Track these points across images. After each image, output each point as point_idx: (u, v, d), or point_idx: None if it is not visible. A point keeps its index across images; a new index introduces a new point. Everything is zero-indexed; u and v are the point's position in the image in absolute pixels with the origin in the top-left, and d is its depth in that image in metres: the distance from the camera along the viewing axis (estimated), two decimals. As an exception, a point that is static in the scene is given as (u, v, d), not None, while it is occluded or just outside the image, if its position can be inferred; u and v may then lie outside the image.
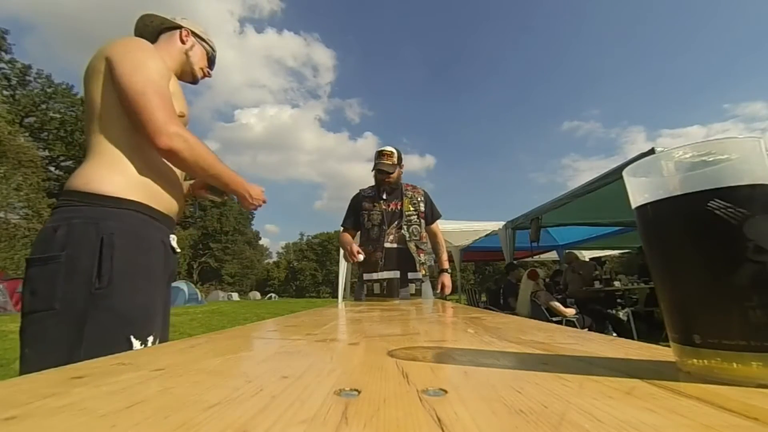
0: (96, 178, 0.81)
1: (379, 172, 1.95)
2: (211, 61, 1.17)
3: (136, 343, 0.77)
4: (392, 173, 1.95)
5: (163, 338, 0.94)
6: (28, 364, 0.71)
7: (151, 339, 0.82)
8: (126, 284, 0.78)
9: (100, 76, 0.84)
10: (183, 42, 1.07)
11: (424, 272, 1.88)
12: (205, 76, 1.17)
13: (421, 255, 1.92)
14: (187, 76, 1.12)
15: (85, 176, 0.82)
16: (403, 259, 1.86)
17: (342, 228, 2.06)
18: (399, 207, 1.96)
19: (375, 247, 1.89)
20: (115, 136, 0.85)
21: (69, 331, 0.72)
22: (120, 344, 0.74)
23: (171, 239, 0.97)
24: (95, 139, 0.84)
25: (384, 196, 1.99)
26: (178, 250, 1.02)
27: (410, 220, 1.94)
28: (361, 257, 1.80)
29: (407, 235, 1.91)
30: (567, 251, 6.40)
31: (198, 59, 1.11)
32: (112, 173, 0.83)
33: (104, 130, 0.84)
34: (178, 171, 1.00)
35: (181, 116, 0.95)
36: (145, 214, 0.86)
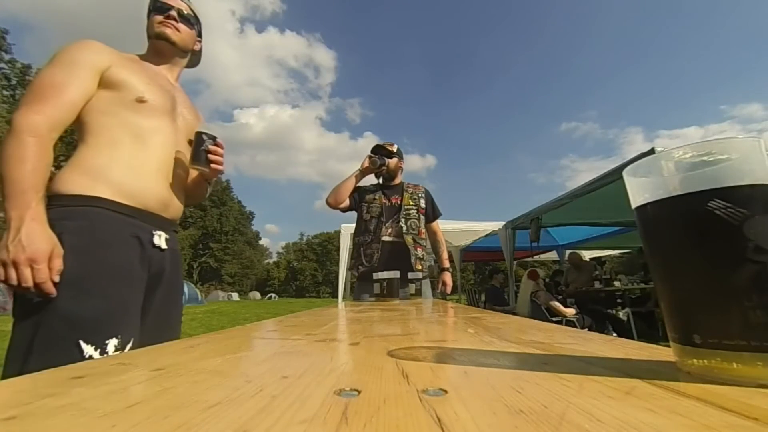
0: (61, 179, 0.81)
1: (378, 148, 2.00)
2: (161, 8, 1.03)
3: (89, 349, 0.72)
4: (392, 155, 1.98)
5: (160, 339, 0.92)
6: (4, 369, 0.70)
7: (113, 342, 0.75)
8: (75, 286, 0.73)
9: None
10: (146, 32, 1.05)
11: (420, 267, 1.87)
12: (166, 24, 1.03)
13: (419, 250, 1.91)
14: (162, 47, 1.04)
15: (53, 179, 0.81)
16: (399, 253, 1.86)
17: None
18: (399, 202, 1.97)
19: (372, 240, 1.90)
20: (82, 135, 0.85)
21: (26, 337, 0.70)
22: (68, 350, 0.70)
23: (155, 236, 0.91)
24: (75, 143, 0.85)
25: (380, 180, 2.02)
26: (164, 247, 0.94)
27: (409, 214, 1.95)
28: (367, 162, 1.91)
29: (404, 228, 1.91)
30: (571, 252, 6.41)
31: (149, 26, 1.04)
32: (75, 173, 0.82)
33: (74, 132, 0.85)
34: (170, 166, 0.96)
35: (141, 102, 0.91)
36: (111, 210, 0.82)
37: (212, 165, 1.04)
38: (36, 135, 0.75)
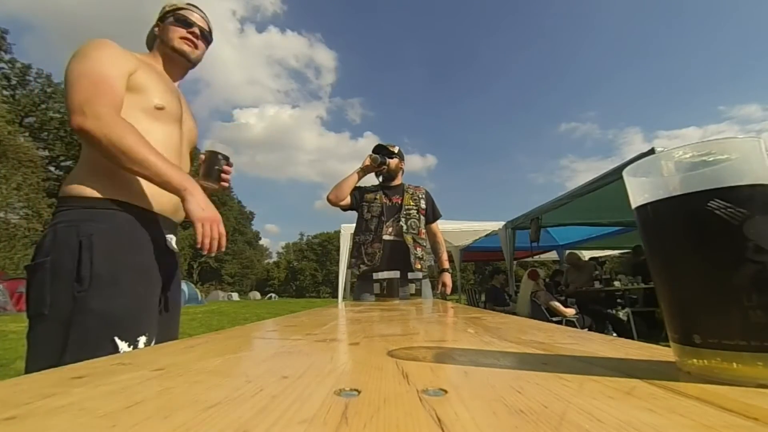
0: (81, 180, 0.82)
1: (379, 147, 2.02)
2: (185, 23, 1.04)
3: (123, 345, 0.76)
4: (393, 155, 2.01)
5: (168, 338, 0.93)
6: (28, 369, 0.72)
7: (142, 339, 0.80)
8: (108, 285, 0.77)
9: None
10: (158, 35, 1.06)
11: (419, 266, 1.88)
12: (188, 42, 1.05)
13: (419, 249, 1.92)
14: (177, 60, 1.05)
15: (71, 181, 0.82)
16: (400, 252, 1.88)
17: None
18: (399, 201, 1.98)
19: (373, 239, 1.91)
20: None
21: (57, 335, 0.72)
22: (104, 346, 0.73)
23: (168, 239, 0.95)
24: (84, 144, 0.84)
25: (380, 180, 2.04)
26: (176, 250, 0.98)
27: (409, 214, 1.96)
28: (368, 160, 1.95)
29: (405, 227, 1.92)
30: (569, 252, 6.41)
31: (169, 36, 1.03)
32: (96, 175, 0.82)
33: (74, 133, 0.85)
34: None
35: (159, 109, 0.93)
36: (131, 214, 0.85)
37: (221, 183, 1.11)
38: (119, 118, 0.78)
